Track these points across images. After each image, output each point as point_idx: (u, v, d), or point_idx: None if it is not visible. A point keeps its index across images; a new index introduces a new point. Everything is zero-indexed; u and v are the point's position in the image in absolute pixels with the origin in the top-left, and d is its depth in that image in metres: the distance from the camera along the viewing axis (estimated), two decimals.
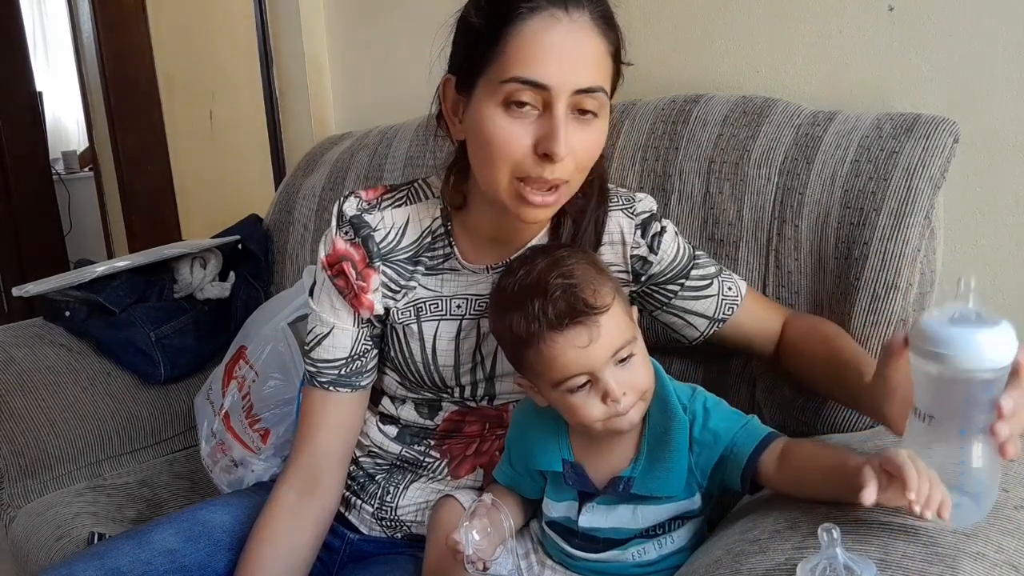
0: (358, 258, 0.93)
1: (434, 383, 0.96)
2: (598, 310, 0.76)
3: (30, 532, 1.30)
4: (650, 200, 0.97)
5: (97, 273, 1.57)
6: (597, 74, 0.79)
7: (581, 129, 0.80)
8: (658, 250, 0.93)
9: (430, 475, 0.99)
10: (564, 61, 0.77)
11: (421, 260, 0.95)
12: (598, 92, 0.79)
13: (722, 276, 0.97)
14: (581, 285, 0.77)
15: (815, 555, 0.59)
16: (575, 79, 0.78)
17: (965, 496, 0.64)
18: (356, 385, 0.96)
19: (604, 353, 0.76)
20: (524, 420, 0.90)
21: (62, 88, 4.40)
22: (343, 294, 0.94)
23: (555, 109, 0.78)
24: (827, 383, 0.92)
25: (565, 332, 0.76)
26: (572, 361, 0.76)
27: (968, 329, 0.62)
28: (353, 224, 0.94)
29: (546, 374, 0.78)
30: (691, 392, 0.84)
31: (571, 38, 0.77)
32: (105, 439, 1.47)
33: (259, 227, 1.75)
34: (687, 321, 0.97)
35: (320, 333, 0.96)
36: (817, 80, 1.16)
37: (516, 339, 0.79)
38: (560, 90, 0.77)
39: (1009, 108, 1.01)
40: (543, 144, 0.78)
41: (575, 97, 0.78)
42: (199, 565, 0.95)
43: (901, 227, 0.92)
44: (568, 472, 0.85)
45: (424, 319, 0.95)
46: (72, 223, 3.96)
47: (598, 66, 0.79)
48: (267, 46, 1.97)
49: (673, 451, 0.80)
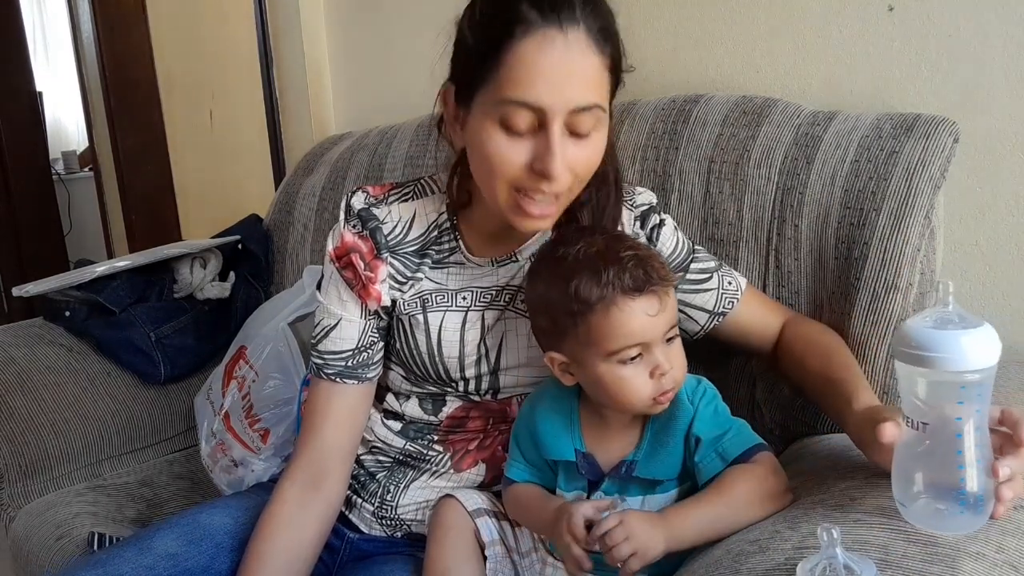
0: (366, 250, 0.94)
1: (439, 375, 0.96)
2: (669, 282, 0.79)
3: (30, 532, 1.30)
4: (650, 193, 0.98)
5: (97, 273, 1.57)
6: (593, 92, 0.78)
7: (578, 145, 0.80)
8: (657, 242, 0.94)
9: (433, 469, 0.99)
10: (560, 82, 0.76)
11: (428, 253, 0.96)
12: (594, 109, 0.79)
13: (722, 271, 0.98)
14: (651, 259, 0.80)
15: (815, 555, 0.59)
16: (571, 99, 0.77)
17: (966, 502, 0.64)
18: (362, 377, 0.97)
19: (664, 326, 0.79)
20: (531, 415, 0.90)
21: (62, 88, 4.40)
22: (351, 286, 0.95)
23: (550, 129, 0.77)
24: (816, 398, 0.92)
25: (638, 298, 0.77)
26: (638, 328, 0.78)
27: (952, 332, 0.62)
28: (361, 217, 0.95)
29: (602, 343, 0.79)
30: (696, 383, 0.84)
31: (567, 58, 0.76)
32: (105, 439, 1.47)
33: (259, 227, 1.75)
34: (687, 315, 0.98)
35: (328, 325, 0.96)
36: (817, 80, 1.16)
37: (580, 304, 0.78)
38: (555, 110, 0.77)
39: (1009, 108, 1.01)
40: (539, 163, 0.79)
41: (571, 116, 0.78)
42: (202, 568, 0.94)
43: (901, 227, 0.92)
44: (580, 461, 0.85)
45: (430, 310, 0.95)
46: (72, 223, 3.96)
47: (594, 83, 0.78)
48: (267, 46, 1.98)
49: (674, 436, 0.82)
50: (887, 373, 0.92)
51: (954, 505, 0.64)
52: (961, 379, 0.62)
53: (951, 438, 0.63)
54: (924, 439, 0.64)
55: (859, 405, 0.79)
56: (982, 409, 0.64)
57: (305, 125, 1.96)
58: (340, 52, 1.92)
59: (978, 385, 0.62)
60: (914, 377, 0.64)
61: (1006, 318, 1.06)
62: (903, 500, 0.66)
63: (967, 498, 0.63)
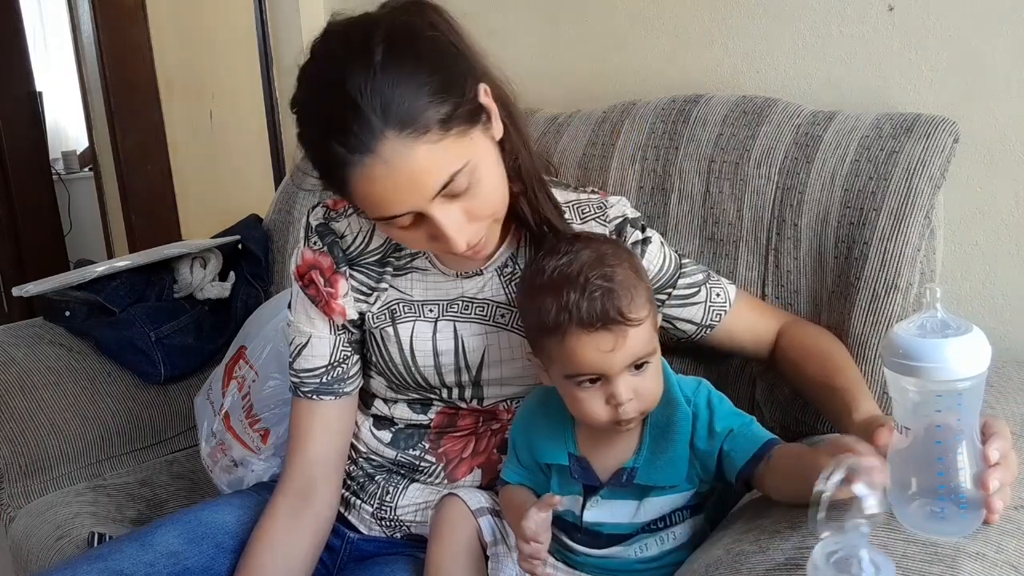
0: (325, 266, 0.94)
1: (418, 384, 0.96)
2: (631, 322, 0.76)
3: (30, 532, 1.30)
4: (623, 204, 0.96)
5: (97, 273, 1.57)
6: (442, 170, 0.75)
7: (466, 200, 0.79)
8: (642, 260, 0.92)
9: (427, 479, 0.99)
10: (401, 192, 0.75)
11: (389, 261, 0.95)
12: (456, 176, 0.76)
13: (710, 282, 0.97)
14: (620, 292, 0.76)
15: (837, 541, 0.56)
16: (425, 193, 0.75)
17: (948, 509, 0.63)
18: (339, 392, 0.97)
19: (623, 361, 0.77)
20: (529, 415, 0.90)
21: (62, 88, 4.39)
22: (315, 303, 0.95)
23: (430, 215, 0.77)
24: (816, 405, 0.92)
25: (592, 334, 0.76)
26: (590, 361, 0.77)
27: (940, 340, 0.61)
28: (319, 233, 0.95)
29: (560, 363, 0.79)
30: (696, 385, 0.84)
31: (393, 174, 0.74)
32: (105, 439, 1.47)
33: (259, 227, 1.75)
34: (675, 327, 0.98)
35: (299, 344, 0.96)
36: (817, 80, 1.16)
37: (541, 323, 0.79)
38: (421, 206, 0.76)
39: (1009, 108, 1.01)
40: (438, 240, 0.80)
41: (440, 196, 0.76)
42: (203, 568, 0.95)
43: (901, 227, 0.92)
44: (574, 465, 0.85)
45: (399, 321, 0.95)
46: (72, 223, 3.95)
47: (438, 162, 0.75)
48: (267, 46, 1.97)
49: (676, 442, 0.81)
50: None
51: (942, 510, 0.63)
52: (941, 388, 0.61)
53: (933, 445, 0.63)
54: (910, 444, 0.64)
55: (859, 415, 0.79)
56: (966, 417, 0.63)
57: None
58: None
59: (961, 394, 0.62)
60: (899, 384, 0.64)
61: (1006, 318, 1.06)
62: (896, 503, 0.66)
63: (952, 504, 0.63)
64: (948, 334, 0.61)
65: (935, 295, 0.63)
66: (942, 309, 0.63)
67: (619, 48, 1.36)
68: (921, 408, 0.63)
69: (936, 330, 0.62)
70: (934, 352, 0.61)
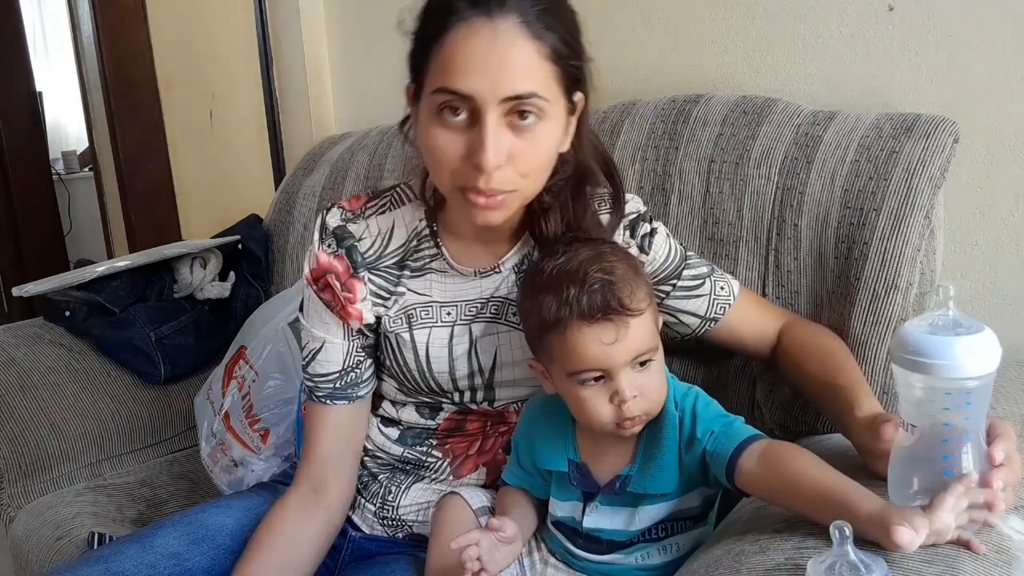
0: (342, 269, 0.93)
1: (431, 389, 0.96)
2: (631, 312, 0.76)
3: (30, 532, 1.30)
4: (637, 200, 0.97)
5: (97, 273, 1.57)
6: (528, 80, 0.76)
7: (519, 137, 0.78)
8: (649, 250, 0.93)
9: (432, 475, 0.99)
10: (488, 70, 0.75)
11: (407, 264, 0.94)
12: (532, 98, 0.77)
13: (714, 276, 0.97)
14: (619, 284, 0.77)
15: (827, 552, 0.58)
16: (501, 87, 0.76)
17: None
18: (353, 396, 0.96)
19: (626, 355, 0.77)
20: (532, 419, 0.90)
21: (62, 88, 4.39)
22: (330, 307, 0.93)
23: (483, 119, 0.76)
24: (817, 403, 0.92)
25: (593, 325, 0.76)
26: (592, 355, 0.77)
27: (950, 338, 0.61)
28: (336, 235, 0.93)
29: (563, 361, 0.79)
30: (685, 391, 0.84)
31: (495, 45, 0.75)
32: (105, 439, 1.47)
33: (259, 227, 1.75)
34: (679, 319, 0.98)
35: (313, 348, 0.96)
36: (817, 80, 1.16)
37: (542, 321, 0.79)
38: (486, 99, 0.76)
39: (1009, 108, 1.01)
40: (473, 155, 0.78)
41: (506, 105, 0.76)
42: (204, 569, 0.95)
43: (901, 227, 0.92)
44: (573, 472, 0.85)
45: (416, 326, 0.94)
46: (72, 223, 3.95)
47: (530, 71, 0.76)
48: (267, 46, 1.97)
49: (664, 449, 0.80)
50: (887, 373, 0.92)
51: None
52: (951, 386, 0.61)
53: (940, 444, 0.63)
54: (916, 442, 0.64)
55: (862, 412, 0.79)
56: (974, 417, 0.63)
57: (305, 125, 1.96)
58: (340, 52, 1.92)
59: (970, 392, 0.62)
60: (907, 381, 0.64)
61: (1006, 318, 1.06)
62: (898, 501, 0.66)
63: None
64: (959, 332, 0.61)
65: (948, 293, 0.63)
66: (954, 308, 0.63)
67: (619, 48, 1.36)
68: (929, 406, 0.63)
69: (947, 328, 0.62)
70: (944, 349, 0.61)
